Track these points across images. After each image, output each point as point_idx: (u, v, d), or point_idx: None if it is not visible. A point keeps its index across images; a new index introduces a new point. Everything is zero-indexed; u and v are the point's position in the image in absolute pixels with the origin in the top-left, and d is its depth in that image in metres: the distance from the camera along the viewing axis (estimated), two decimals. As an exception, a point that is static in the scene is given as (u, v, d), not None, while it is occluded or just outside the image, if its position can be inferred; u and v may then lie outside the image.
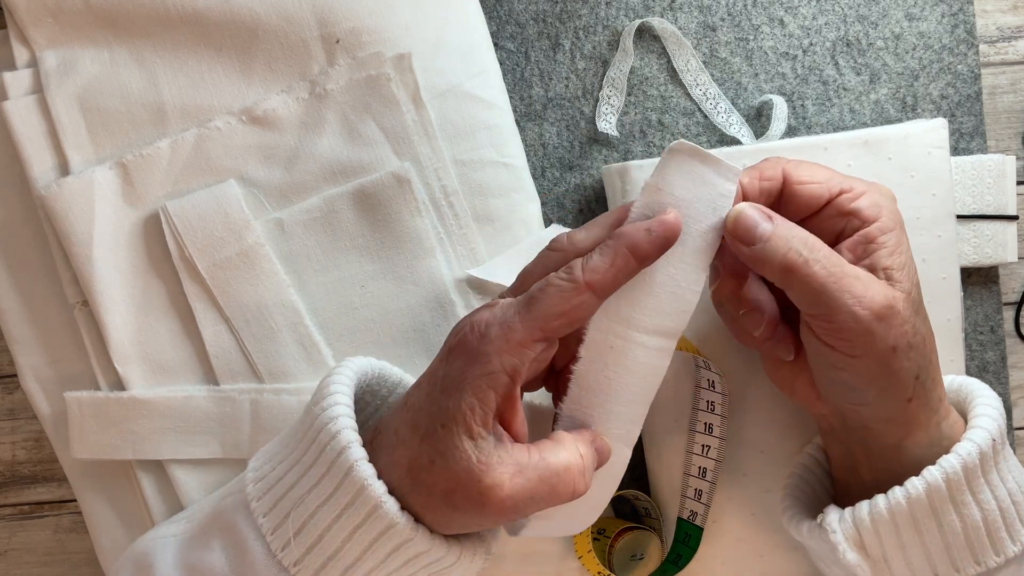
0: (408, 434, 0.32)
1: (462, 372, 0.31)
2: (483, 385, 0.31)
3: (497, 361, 0.31)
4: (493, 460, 0.31)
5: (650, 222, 0.32)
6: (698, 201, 0.34)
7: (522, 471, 0.31)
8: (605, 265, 0.32)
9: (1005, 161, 0.46)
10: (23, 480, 0.50)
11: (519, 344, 0.31)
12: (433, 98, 0.44)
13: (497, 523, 0.32)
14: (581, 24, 0.48)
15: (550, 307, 0.31)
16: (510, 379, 0.31)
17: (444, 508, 0.31)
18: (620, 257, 0.32)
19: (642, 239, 0.32)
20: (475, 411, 0.31)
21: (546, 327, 0.31)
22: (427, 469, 0.31)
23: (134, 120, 0.44)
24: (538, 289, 0.32)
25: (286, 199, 0.44)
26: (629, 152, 0.48)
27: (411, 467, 0.32)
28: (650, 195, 0.34)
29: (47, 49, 0.44)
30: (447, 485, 0.31)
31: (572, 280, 0.31)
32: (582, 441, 0.33)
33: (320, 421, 0.33)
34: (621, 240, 0.32)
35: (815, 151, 0.44)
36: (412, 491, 0.32)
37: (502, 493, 0.31)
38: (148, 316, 0.44)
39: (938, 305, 0.44)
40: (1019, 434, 0.49)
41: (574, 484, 0.32)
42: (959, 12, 0.47)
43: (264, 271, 0.43)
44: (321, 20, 0.44)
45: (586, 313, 0.32)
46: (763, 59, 0.48)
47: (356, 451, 0.32)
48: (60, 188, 0.43)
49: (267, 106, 0.44)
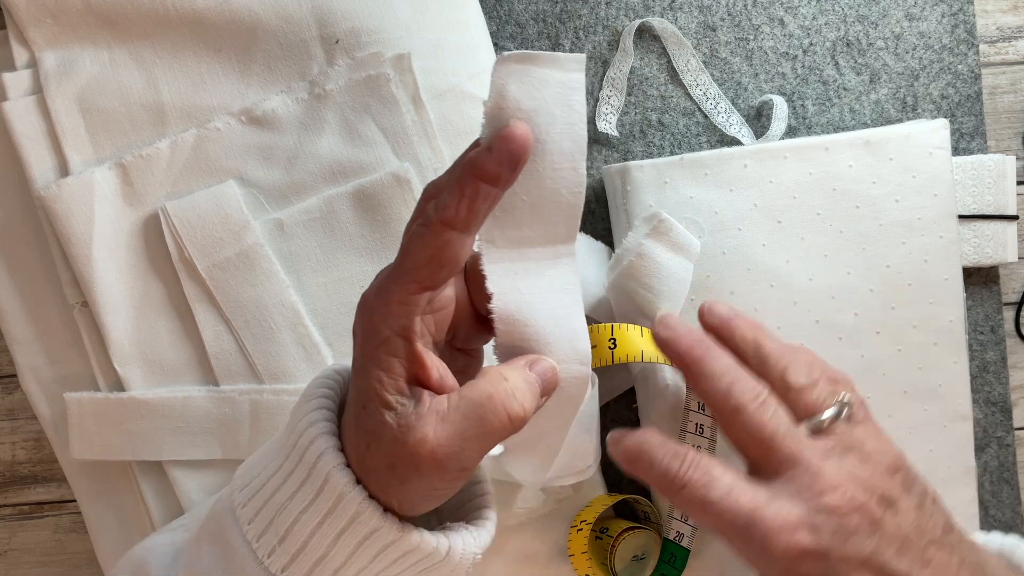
0: (351, 426, 0.32)
1: (362, 350, 0.31)
2: (382, 355, 0.30)
3: (386, 328, 0.30)
4: (412, 419, 0.30)
5: (490, 141, 0.30)
6: (547, 104, 0.31)
7: (444, 417, 0.30)
8: (454, 199, 0.30)
9: (1005, 161, 0.46)
10: (23, 480, 0.50)
11: (398, 303, 0.30)
12: (433, 98, 0.44)
13: (445, 478, 0.31)
14: (581, 24, 0.48)
15: (415, 257, 0.30)
16: (406, 339, 0.30)
17: (397, 484, 0.31)
18: (468, 185, 0.30)
19: (485, 160, 0.29)
20: (383, 382, 0.30)
21: (418, 277, 0.30)
22: (368, 453, 0.31)
23: (134, 120, 0.44)
24: (403, 243, 0.31)
25: (286, 199, 0.44)
26: (629, 152, 0.48)
27: (358, 457, 0.31)
28: (493, 116, 0.30)
29: (47, 50, 0.44)
30: (387, 460, 0.30)
31: (426, 222, 0.30)
32: (510, 367, 0.32)
33: (299, 427, 0.32)
34: (463, 167, 0.30)
35: (816, 151, 0.44)
36: (370, 480, 0.31)
37: (429, 444, 0.30)
38: (148, 317, 0.44)
39: (940, 306, 0.44)
40: (1019, 434, 0.49)
41: (505, 409, 0.30)
42: (959, 12, 0.47)
43: (264, 271, 0.43)
44: (320, 20, 0.44)
45: (457, 250, 0.30)
46: (763, 59, 0.48)
47: (332, 457, 0.31)
48: (60, 188, 0.42)
49: (267, 106, 0.44)
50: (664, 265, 0.42)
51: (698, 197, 0.44)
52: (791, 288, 0.44)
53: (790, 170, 0.44)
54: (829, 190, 0.43)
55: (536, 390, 0.32)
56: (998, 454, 0.48)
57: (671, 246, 0.42)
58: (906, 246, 0.44)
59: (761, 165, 0.44)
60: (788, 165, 0.44)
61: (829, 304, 0.44)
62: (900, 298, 0.44)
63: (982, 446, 0.48)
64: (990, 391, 0.48)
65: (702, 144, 0.48)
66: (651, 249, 0.42)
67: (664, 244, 0.42)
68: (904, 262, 0.44)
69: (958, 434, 0.44)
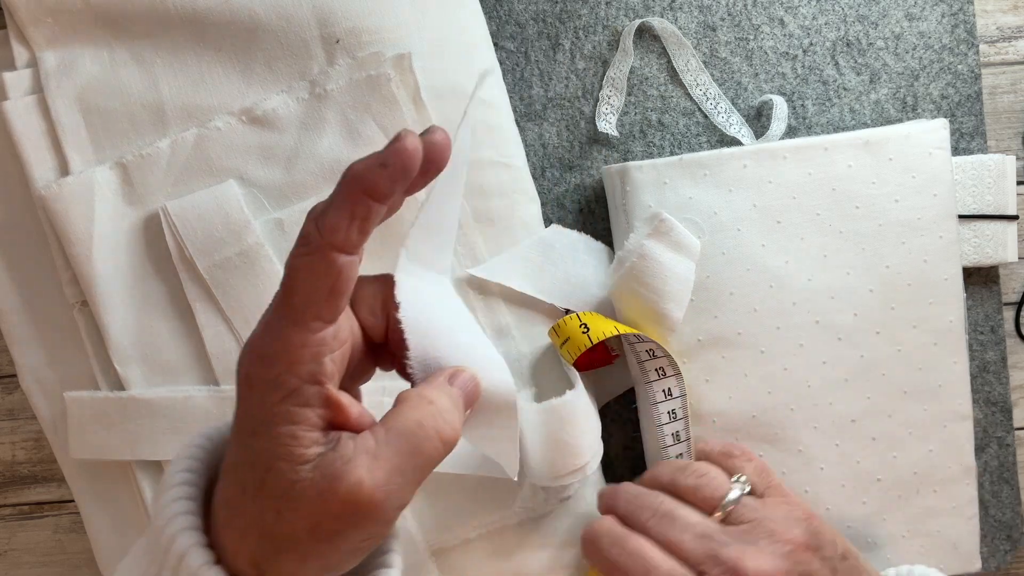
0: (239, 498, 0.27)
1: (263, 406, 0.27)
2: (291, 409, 0.27)
3: (292, 378, 0.27)
4: (338, 466, 0.27)
5: (384, 154, 0.26)
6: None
7: (376, 455, 0.27)
8: (345, 220, 0.26)
9: (1005, 161, 0.46)
10: (23, 480, 0.50)
11: (301, 347, 0.27)
12: (433, 98, 0.44)
13: (382, 519, 0.28)
14: (581, 24, 0.48)
15: (311, 290, 0.27)
16: (318, 385, 0.27)
17: (321, 547, 0.27)
18: (360, 205, 0.26)
19: (379, 176, 0.26)
20: (297, 437, 0.27)
21: (318, 313, 0.27)
22: (279, 521, 0.27)
23: (134, 120, 0.44)
24: (286, 276, 0.27)
25: (286, 199, 0.44)
26: (629, 152, 0.48)
27: (261, 533, 0.27)
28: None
29: (47, 49, 0.44)
30: (308, 522, 0.27)
31: (315, 250, 0.27)
32: (430, 387, 0.29)
33: (159, 522, 0.28)
34: (352, 184, 0.26)
35: (815, 151, 0.44)
36: (278, 558, 0.27)
37: (366, 488, 0.26)
38: (148, 316, 0.44)
39: (940, 307, 0.44)
40: (1019, 434, 0.49)
41: (438, 433, 0.28)
42: (959, 12, 0.47)
43: (264, 271, 0.43)
44: (321, 20, 0.44)
45: (352, 274, 0.27)
46: (763, 59, 0.48)
47: (196, 557, 0.27)
48: (60, 188, 0.42)
49: (267, 106, 0.44)
50: (666, 265, 0.42)
51: (697, 197, 0.44)
52: (791, 288, 0.44)
53: (790, 170, 0.44)
54: (829, 190, 0.43)
55: (460, 404, 0.30)
56: (998, 454, 0.48)
57: (672, 246, 0.42)
58: (906, 246, 0.44)
59: (761, 165, 0.44)
60: (788, 165, 0.44)
61: (829, 304, 0.44)
62: (900, 298, 0.44)
63: (982, 446, 0.48)
64: (990, 391, 0.48)
65: (702, 144, 0.48)
66: (653, 250, 0.42)
67: (665, 244, 0.42)
68: (904, 262, 0.44)
69: (958, 434, 0.44)
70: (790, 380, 0.44)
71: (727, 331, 0.44)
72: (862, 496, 0.44)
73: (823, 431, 0.44)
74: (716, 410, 0.44)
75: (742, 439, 0.44)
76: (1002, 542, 0.48)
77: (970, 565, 0.45)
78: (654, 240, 0.42)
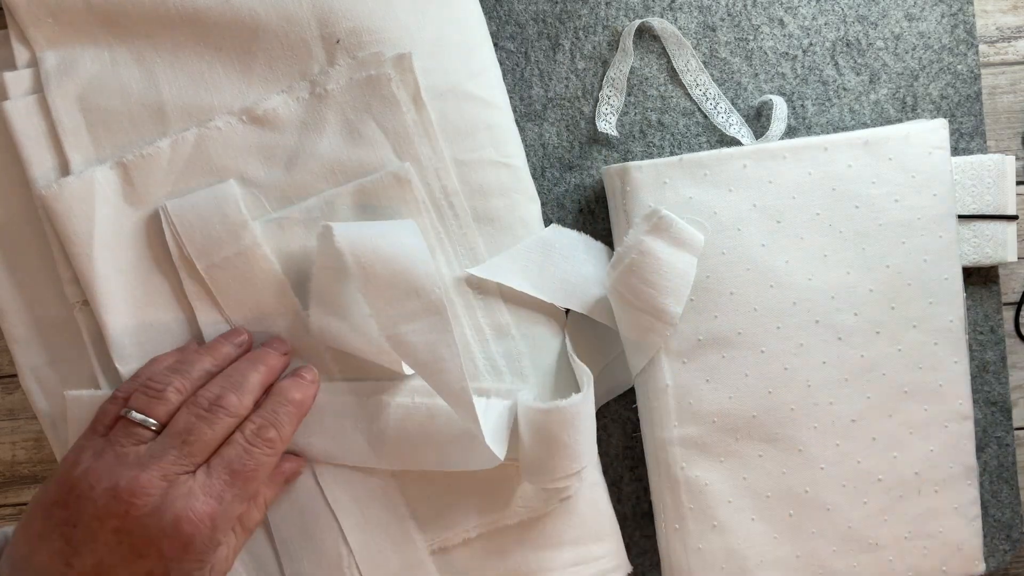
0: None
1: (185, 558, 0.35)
2: (212, 554, 0.36)
3: (220, 535, 0.36)
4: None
5: (307, 379, 0.41)
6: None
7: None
8: (289, 433, 0.39)
9: (1005, 161, 0.46)
10: (23, 480, 0.50)
11: (236, 517, 0.38)
12: (433, 98, 0.44)
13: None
14: (581, 24, 0.48)
15: (260, 478, 0.37)
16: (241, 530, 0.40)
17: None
18: (297, 420, 0.40)
19: (309, 392, 0.40)
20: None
21: (257, 492, 0.39)
22: None
23: (134, 120, 0.44)
24: (246, 465, 0.37)
25: (286, 199, 0.44)
26: (629, 152, 0.48)
27: None
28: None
29: (47, 49, 0.44)
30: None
31: (275, 453, 0.38)
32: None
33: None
34: (290, 405, 0.39)
35: (815, 151, 0.44)
36: None
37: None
38: (149, 316, 0.44)
39: (940, 306, 0.44)
40: (1019, 434, 0.49)
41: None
42: (959, 12, 0.48)
43: (263, 271, 0.43)
44: (321, 20, 0.44)
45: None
46: (763, 59, 0.48)
47: None
48: (60, 188, 0.42)
49: (267, 106, 0.44)
50: (666, 261, 0.42)
51: (697, 197, 0.44)
52: (791, 288, 0.44)
53: (789, 170, 0.44)
54: (828, 190, 0.44)
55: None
56: (998, 454, 0.48)
57: (672, 242, 0.42)
58: (906, 246, 0.44)
59: (760, 165, 0.44)
60: (787, 165, 0.44)
61: (829, 304, 0.44)
62: (900, 298, 0.44)
63: (982, 446, 0.48)
64: (990, 391, 0.48)
65: (702, 144, 0.48)
66: (652, 246, 0.42)
67: (665, 240, 0.42)
68: (904, 262, 0.44)
69: (959, 434, 0.44)
70: (790, 380, 0.44)
71: (727, 331, 0.44)
72: (863, 496, 0.44)
73: (823, 431, 0.44)
74: (716, 410, 0.44)
75: (742, 439, 0.44)
76: (1002, 542, 0.48)
77: (973, 567, 0.45)
78: (653, 236, 0.42)
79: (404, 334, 0.38)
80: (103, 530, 0.34)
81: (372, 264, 0.38)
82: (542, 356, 0.45)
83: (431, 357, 0.38)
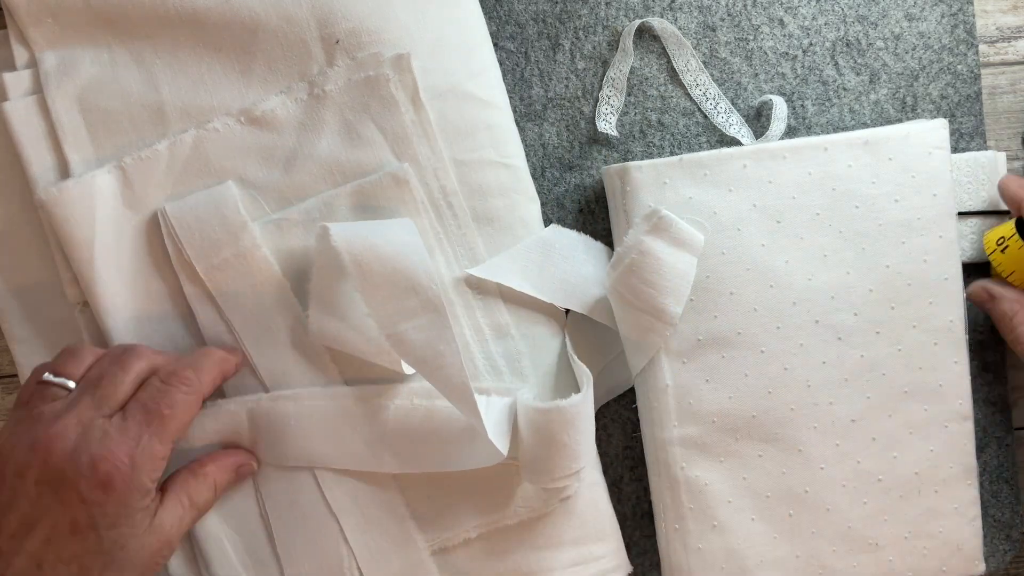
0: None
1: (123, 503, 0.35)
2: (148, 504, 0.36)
3: (147, 480, 0.36)
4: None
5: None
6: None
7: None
8: (209, 380, 0.40)
9: (997, 157, 0.46)
10: (23, 481, 0.50)
11: (163, 459, 0.37)
12: (433, 98, 0.44)
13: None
14: (581, 24, 0.48)
15: (182, 419, 0.38)
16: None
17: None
18: (219, 373, 0.41)
19: (235, 354, 0.42)
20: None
21: (179, 435, 0.38)
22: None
23: (134, 120, 0.44)
24: (162, 404, 0.37)
25: (285, 200, 0.44)
26: (629, 152, 0.48)
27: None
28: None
29: (47, 50, 0.44)
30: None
31: (193, 391, 0.38)
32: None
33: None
34: (215, 363, 0.40)
35: (815, 151, 0.44)
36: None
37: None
38: (149, 318, 0.44)
39: (940, 306, 0.44)
40: (1019, 434, 0.49)
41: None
42: (959, 12, 0.47)
43: (262, 272, 0.43)
44: (321, 21, 0.44)
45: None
46: (763, 59, 0.48)
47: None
48: (60, 193, 0.42)
49: (265, 107, 0.44)
50: (666, 261, 0.42)
51: (697, 197, 0.44)
52: (791, 288, 0.44)
53: (789, 170, 0.44)
54: (828, 190, 0.44)
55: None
56: (998, 454, 0.48)
57: (672, 242, 0.42)
58: (906, 246, 0.44)
59: (760, 165, 0.44)
60: (787, 165, 0.44)
61: (829, 304, 0.44)
62: (900, 298, 0.44)
63: (982, 446, 0.48)
64: (989, 391, 0.48)
65: (702, 144, 0.48)
66: (652, 246, 0.42)
67: (665, 240, 0.42)
68: (904, 262, 0.44)
69: (959, 434, 0.44)
70: (790, 380, 0.44)
71: (727, 331, 0.44)
72: (863, 496, 0.44)
73: (823, 431, 0.44)
74: (716, 410, 0.44)
75: (742, 439, 0.44)
76: (1001, 542, 0.48)
77: (973, 567, 0.45)
78: (653, 236, 0.42)
79: (403, 332, 0.38)
80: (25, 484, 0.34)
81: (369, 262, 0.38)
82: (542, 356, 0.45)
83: (431, 354, 0.38)
